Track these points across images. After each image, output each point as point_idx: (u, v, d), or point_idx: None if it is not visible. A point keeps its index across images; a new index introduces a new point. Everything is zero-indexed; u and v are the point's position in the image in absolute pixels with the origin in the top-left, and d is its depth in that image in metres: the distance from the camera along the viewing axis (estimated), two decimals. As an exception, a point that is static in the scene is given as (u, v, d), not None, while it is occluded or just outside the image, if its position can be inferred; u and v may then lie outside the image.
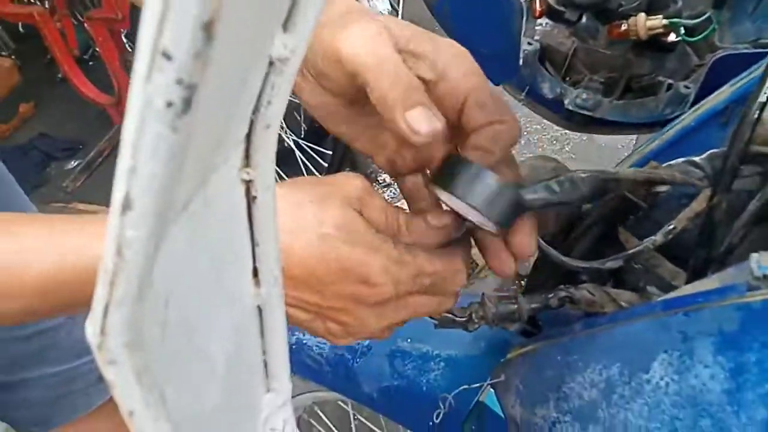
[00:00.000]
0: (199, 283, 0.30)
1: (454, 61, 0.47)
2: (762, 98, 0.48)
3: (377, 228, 0.45)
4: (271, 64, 0.26)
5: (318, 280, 0.43)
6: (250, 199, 0.30)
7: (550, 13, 0.73)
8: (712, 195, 0.51)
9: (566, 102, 0.72)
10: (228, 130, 0.26)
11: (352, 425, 1.09)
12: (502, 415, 0.74)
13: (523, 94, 0.76)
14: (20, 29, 3.06)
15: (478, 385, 0.65)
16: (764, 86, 0.48)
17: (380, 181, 2.19)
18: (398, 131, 0.43)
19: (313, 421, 1.12)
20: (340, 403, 1.05)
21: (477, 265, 0.57)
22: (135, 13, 2.15)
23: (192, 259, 0.28)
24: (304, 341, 0.91)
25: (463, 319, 0.58)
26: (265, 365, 0.40)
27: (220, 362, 0.35)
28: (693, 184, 0.53)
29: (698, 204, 0.55)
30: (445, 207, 0.49)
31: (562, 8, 0.73)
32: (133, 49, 2.44)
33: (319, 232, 0.42)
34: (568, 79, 0.75)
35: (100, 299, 0.23)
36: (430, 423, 0.77)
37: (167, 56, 0.16)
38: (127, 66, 2.50)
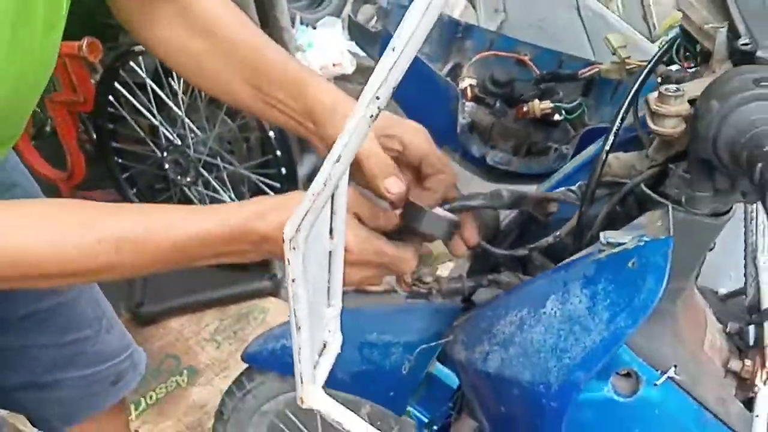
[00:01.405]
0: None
1: (414, 136, 0.82)
2: (607, 147, 0.81)
3: (362, 216, 0.73)
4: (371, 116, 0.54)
5: None
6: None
7: (476, 98, 1.07)
8: (581, 208, 0.83)
9: (488, 159, 1.04)
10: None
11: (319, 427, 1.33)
12: (445, 382, 1.02)
13: (458, 154, 1.08)
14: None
15: (434, 344, 0.93)
16: (608, 140, 0.81)
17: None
18: (380, 192, 0.77)
19: (284, 427, 1.35)
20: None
21: (432, 254, 0.86)
22: (99, 98, 2.41)
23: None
24: (287, 345, 1.17)
25: (426, 292, 0.87)
26: (328, 289, 0.68)
27: (311, 283, 0.62)
28: (571, 202, 0.85)
29: (572, 222, 0.87)
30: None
31: (483, 95, 1.07)
32: (86, 129, 2.67)
33: None
34: (489, 144, 1.08)
35: (303, 209, 0.52)
36: (391, 393, 1.05)
37: (378, 98, 0.46)
38: (80, 145, 2.72)
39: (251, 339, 1.24)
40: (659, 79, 0.78)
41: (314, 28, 2.75)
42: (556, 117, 1.05)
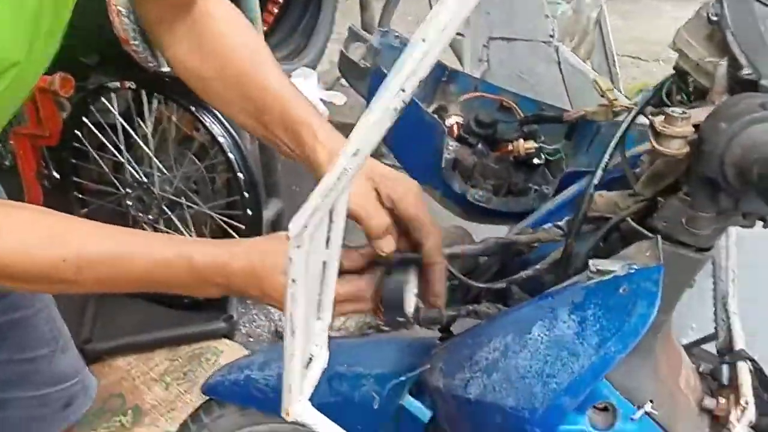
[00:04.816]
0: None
1: (405, 195, 0.82)
2: (595, 181, 0.83)
3: None
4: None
5: None
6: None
7: (459, 138, 1.10)
8: (567, 241, 0.84)
9: (468, 196, 1.06)
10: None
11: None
12: (417, 416, 1.00)
13: (439, 192, 1.10)
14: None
15: (408, 375, 0.92)
16: (596, 175, 0.83)
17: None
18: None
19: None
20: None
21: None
22: (65, 132, 2.38)
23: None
24: (252, 376, 1.14)
25: (403, 321, 0.87)
26: (319, 302, 0.67)
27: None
28: (557, 240, 0.87)
29: (555, 254, 0.88)
30: None
31: (467, 136, 1.09)
32: (47, 164, 2.62)
33: None
34: (470, 182, 1.10)
35: (311, 206, 0.51)
36: (359, 427, 1.02)
37: (403, 91, 0.46)
38: (39, 179, 2.66)
39: (202, 381, 1.20)
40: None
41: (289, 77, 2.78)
42: (536, 161, 1.08)
